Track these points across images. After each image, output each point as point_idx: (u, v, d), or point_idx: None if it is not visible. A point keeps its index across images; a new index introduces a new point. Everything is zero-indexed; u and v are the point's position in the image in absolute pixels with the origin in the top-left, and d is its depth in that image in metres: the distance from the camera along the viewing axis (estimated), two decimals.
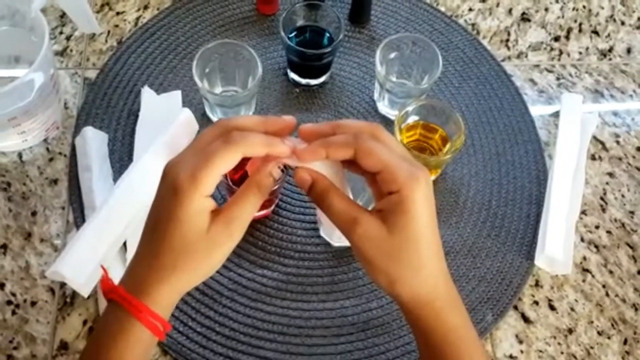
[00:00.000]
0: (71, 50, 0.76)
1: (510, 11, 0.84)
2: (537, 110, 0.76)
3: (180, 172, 0.40)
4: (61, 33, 0.77)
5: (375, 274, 0.42)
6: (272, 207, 0.66)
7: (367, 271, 0.42)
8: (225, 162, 0.40)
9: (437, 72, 0.68)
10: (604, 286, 0.66)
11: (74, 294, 0.61)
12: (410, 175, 0.40)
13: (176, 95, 0.71)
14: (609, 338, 0.63)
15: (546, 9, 0.85)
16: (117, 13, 0.79)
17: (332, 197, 0.42)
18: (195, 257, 0.41)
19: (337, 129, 0.42)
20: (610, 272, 0.66)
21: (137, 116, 0.70)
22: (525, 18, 0.84)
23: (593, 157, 0.73)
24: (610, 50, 0.82)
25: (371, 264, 0.41)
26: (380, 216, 0.41)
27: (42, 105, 0.65)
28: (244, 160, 0.44)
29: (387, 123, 0.73)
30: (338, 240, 0.64)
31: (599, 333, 0.63)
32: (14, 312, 0.60)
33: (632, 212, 0.70)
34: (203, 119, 0.71)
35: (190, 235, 0.40)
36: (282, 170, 0.43)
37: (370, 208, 0.42)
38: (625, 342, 0.63)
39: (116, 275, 0.58)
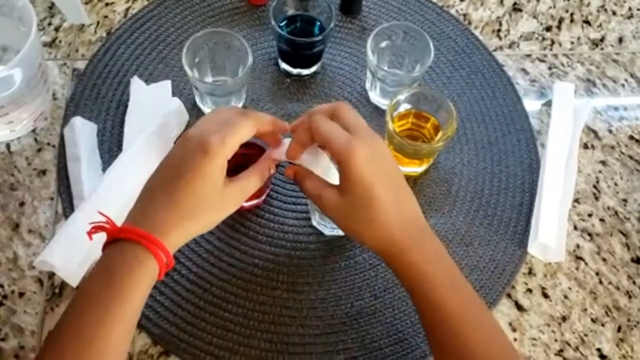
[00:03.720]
0: (60, 41, 0.75)
1: (501, 1, 0.84)
2: (529, 100, 0.76)
3: (211, 135, 0.46)
4: (50, 24, 0.77)
5: (346, 233, 0.51)
6: (264, 196, 0.65)
7: (343, 232, 0.52)
8: (246, 132, 0.48)
9: (429, 61, 0.68)
10: (597, 274, 0.65)
11: (63, 285, 0.60)
12: (345, 144, 0.46)
13: (166, 85, 0.71)
14: (602, 325, 0.63)
15: None
16: (106, 4, 0.79)
17: (306, 181, 0.51)
18: (209, 209, 0.47)
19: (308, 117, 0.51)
20: (604, 259, 0.66)
21: (126, 107, 0.69)
22: (516, 8, 0.84)
23: (586, 146, 0.73)
24: (602, 39, 0.82)
25: (340, 225, 0.50)
26: (338, 186, 0.49)
27: (30, 95, 0.64)
28: (237, 154, 0.47)
29: (379, 112, 0.72)
30: (330, 229, 0.64)
31: (593, 320, 0.63)
32: (1, 304, 0.59)
33: (625, 200, 0.70)
34: (193, 109, 0.70)
35: (211, 189, 0.46)
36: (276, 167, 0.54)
37: None
38: (619, 329, 0.62)
39: None
